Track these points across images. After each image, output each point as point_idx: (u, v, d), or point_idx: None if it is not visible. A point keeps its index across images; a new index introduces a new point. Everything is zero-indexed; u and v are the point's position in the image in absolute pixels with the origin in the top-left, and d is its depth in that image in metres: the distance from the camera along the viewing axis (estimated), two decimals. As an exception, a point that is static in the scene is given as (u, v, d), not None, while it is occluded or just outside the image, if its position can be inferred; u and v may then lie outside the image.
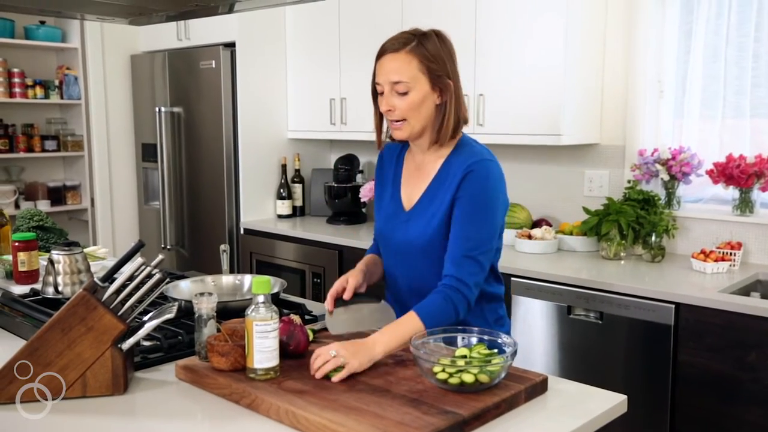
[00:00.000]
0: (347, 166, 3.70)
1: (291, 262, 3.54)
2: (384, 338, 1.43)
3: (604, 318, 2.40)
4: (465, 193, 1.56)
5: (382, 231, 1.73)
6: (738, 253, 2.56)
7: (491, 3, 2.94)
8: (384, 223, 1.72)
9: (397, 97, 1.57)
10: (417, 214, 1.65)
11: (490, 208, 1.57)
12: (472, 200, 1.56)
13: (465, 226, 1.56)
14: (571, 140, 2.88)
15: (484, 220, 1.56)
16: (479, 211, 1.56)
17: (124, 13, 2.07)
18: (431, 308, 1.51)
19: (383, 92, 1.59)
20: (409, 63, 1.56)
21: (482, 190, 1.56)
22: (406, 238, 1.65)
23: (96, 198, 4.23)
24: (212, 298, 1.45)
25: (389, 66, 1.57)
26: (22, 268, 2.10)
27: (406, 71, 1.55)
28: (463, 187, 1.56)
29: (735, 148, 2.69)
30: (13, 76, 3.96)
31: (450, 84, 1.59)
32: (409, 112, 1.57)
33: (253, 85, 3.73)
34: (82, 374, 1.32)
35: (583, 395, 1.37)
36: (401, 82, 1.56)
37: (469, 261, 1.54)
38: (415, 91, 1.56)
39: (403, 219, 1.67)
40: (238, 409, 1.28)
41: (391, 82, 1.57)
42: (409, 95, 1.56)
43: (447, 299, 1.52)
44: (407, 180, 1.71)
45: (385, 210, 1.73)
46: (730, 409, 2.14)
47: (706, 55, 2.77)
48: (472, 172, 1.56)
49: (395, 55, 1.57)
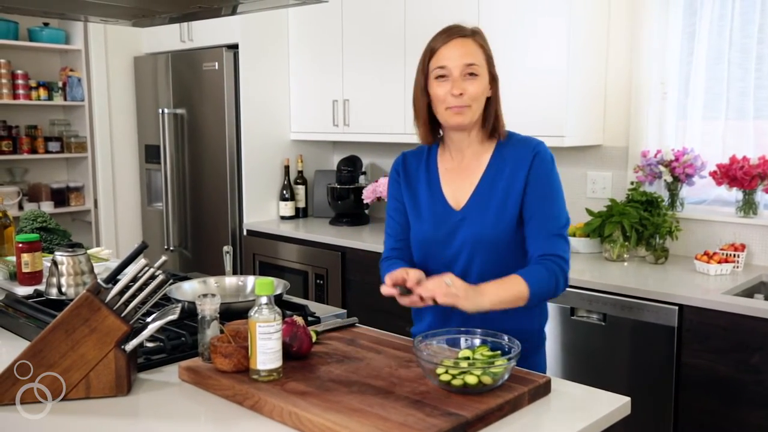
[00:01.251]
0: (350, 168, 3.70)
1: (294, 263, 3.55)
2: (492, 290, 1.45)
3: (608, 320, 2.40)
4: (539, 174, 1.58)
5: (431, 237, 1.65)
6: (742, 255, 2.55)
7: (494, 5, 2.94)
8: (431, 229, 1.65)
9: (468, 80, 1.56)
10: (475, 211, 1.60)
11: (560, 187, 1.62)
12: (546, 181, 1.59)
13: (546, 206, 1.57)
14: (574, 141, 2.88)
15: (559, 198, 1.60)
16: (554, 190, 1.60)
17: (127, 15, 2.08)
18: (535, 275, 1.50)
19: (447, 76, 1.57)
20: (477, 49, 1.59)
21: (551, 171, 1.61)
22: (467, 236, 1.60)
23: (99, 199, 4.23)
24: (215, 299, 1.45)
25: (462, 49, 1.57)
26: (26, 270, 2.11)
27: (477, 55, 1.58)
28: (535, 169, 1.58)
29: (738, 150, 2.69)
30: (17, 77, 3.98)
31: (498, 77, 1.63)
32: (474, 97, 1.57)
33: (256, 86, 3.74)
34: (86, 375, 1.32)
35: (586, 397, 1.37)
36: (474, 64, 1.56)
37: (559, 239, 1.56)
38: (482, 77, 1.58)
39: (458, 219, 1.62)
40: (242, 410, 1.28)
41: (465, 64, 1.56)
42: (477, 80, 1.57)
43: (549, 271, 1.52)
44: (448, 180, 1.67)
45: (427, 213, 1.66)
46: (734, 411, 2.14)
47: (710, 56, 2.77)
48: (540, 153, 1.60)
49: (466, 40, 1.58)
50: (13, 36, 3.95)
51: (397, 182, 1.75)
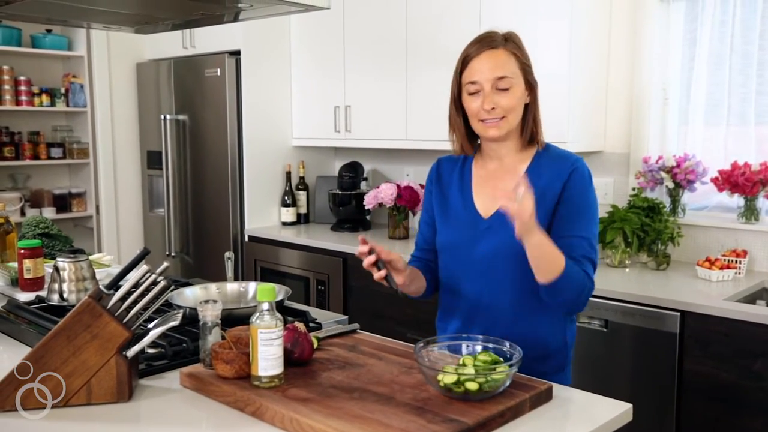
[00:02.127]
0: (351, 174, 3.71)
1: (295, 269, 3.55)
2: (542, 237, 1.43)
3: (609, 326, 2.39)
4: (575, 192, 1.55)
5: (455, 241, 1.64)
6: (743, 261, 2.55)
7: (495, 10, 2.95)
8: (456, 234, 1.64)
9: (499, 94, 1.54)
10: (501, 221, 1.54)
11: (595, 209, 1.59)
12: (582, 200, 1.55)
13: (578, 226, 1.54)
14: (576, 147, 2.87)
15: (591, 221, 1.57)
16: (587, 212, 1.56)
17: (130, 21, 2.09)
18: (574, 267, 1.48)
19: (479, 91, 1.55)
20: (509, 59, 1.56)
21: (587, 190, 1.57)
22: (491, 245, 1.58)
23: (101, 205, 4.24)
24: (217, 305, 1.45)
25: (491, 62, 1.55)
26: (28, 276, 2.11)
27: (509, 66, 1.55)
28: (571, 186, 1.55)
29: (740, 156, 2.69)
30: (20, 84, 3.99)
31: (536, 84, 1.60)
32: (509, 109, 1.55)
33: (258, 92, 3.75)
34: (87, 381, 1.32)
35: (588, 404, 1.37)
36: (505, 77, 1.54)
37: (587, 263, 1.53)
38: (516, 87, 1.55)
39: (484, 227, 1.60)
40: (243, 416, 1.28)
41: (495, 78, 1.54)
42: (510, 91, 1.55)
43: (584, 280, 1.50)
44: (480, 188, 1.65)
45: (456, 220, 1.65)
46: (736, 418, 2.13)
47: (711, 62, 2.77)
48: (577, 170, 1.56)
49: (495, 51, 1.56)
50: (16, 42, 3.96)
51: (429, 192, 1.75)
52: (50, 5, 1.78)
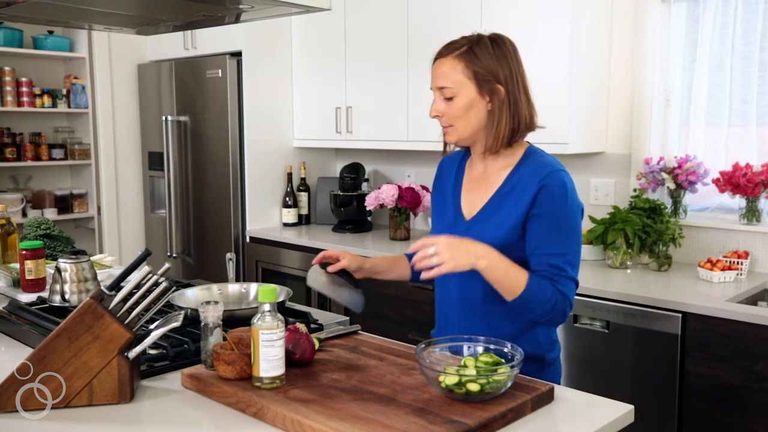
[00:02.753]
0: (353, 175, 3.71)
1: (296, 270, 3.55)
2: (495, 257, 1.44)
3: (611, 327, 2.39)
4: (544, 210, 1.50)
5: None
6: (745, 262, 2.55)
7: (496, 11, 2.95)
8: (441, 231, 1.66)
9: (444, 103, 1.56)
10: (478, 224, 1.58)
11: (573, 223, 1.53)
12: (554, 217, 1.50)
13: (552, 243, 1.50)
14: (577, 148, 2.88)
15: (569, 236, 1.52)
16: (563, 226, 1.51)
17: (131, 23, 2.09)
18: (540, 285, 1.47)
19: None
20: (453, 68, 1.54)
21: (563, 205, 1.51)
22: None
23: (103, 206, 4.24)
24: (218, 306, 1.45)
25: (436, 71, 1.57)
26: (29, 277, 2.11)
27: (450, 76, 1.54)
28: (540, 202, 1.50)
29: (741, 157, 2.69)
30: (21, 85, 3.99)
31: (500, 90, 1.54)
32: (454, 118, 1.56)
33: (259, 93, 3.75)
34: (89, 382, 1.32)
35: (589, 405, 1.36)
36: (446, 88, 1.55)
37: (565, 279, 1.50)
38: (460, 96, 1.54)
39: (463, 228, 1.61)
40: (244, 417, 1.28)
41: (438, 87, 1.56)
42: (454, 101, 1.54)
43: (553, 295, 1.47)
44: (468, 189, 1.67)
45: (445, 219, 1.68)
46: (738, 419, 2.13)
47: (712, 63, 2.77)
48: (547, 185, 1.50)
49: (442, 60, 1.56)
50: (17, 44, 3.97)
51: (434, 189, 1.78)
52: (52, 7, 1.79)
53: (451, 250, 1.42)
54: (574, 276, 1.51)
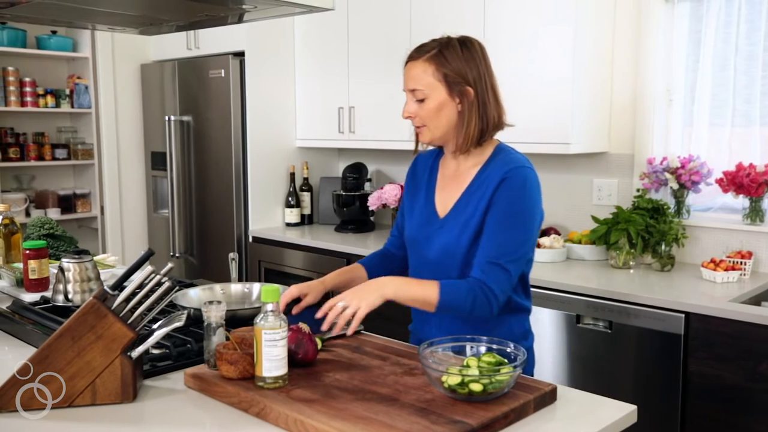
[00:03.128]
0: (355, 175, 3.71)
1: (299, 270, 3.55)
2: (398, 283, 1.51)
3: (614, 327, 2.39)
4: (499, 200, 1.56)
5: (415, 237, 1.71)
6: (748, 263, 2.54)
7: (499, 13, 2.94)
8: (417, 229, 1.71)
9: (416, 104, 1.61)
10: (451, 221, 1.64)
11: (524, 216, 1.56)
12: (506, 207, 1.55)
13: (496, 233, 1.55)
14: (580, 149, 2.87)
15: (516, 228, 1.55)
16: (512, 218, 1.55)
17: (134, 23, 2.09)
18: (453, 287, 1.53)
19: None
20: (424, 71, 1.59)
21: (517, 198, 1.56)
22: (440, 243, 1.65)
23: (106, 206, 4.25)
24: (221, 306, 1.45)
25: (408, 74, 1.62)
26: (33, 276, 2.12)
27: (421, 79, 1.59)
28: (499, 193, 1.56)
29: (745, 157, 2.68)
30: (25, 85, 4.00)
31: (470, 91, 1.58)
32: (426, 119, 1.61)
33: (262, 93, 3.75)
34: (92, 382, 1.33)
35: (592, 405, 1.36)
36: (417, 90, 1.60)
37: (496, 267, 1.53)
38: (431, 98, 1.59)
39: (437, 225, 1.66)
40: (247, 417, 1.28)
41: (410, 90, 1.61)
42: (425, 102, 1.60)
43: (469, 290, 1.52)
44: (442, 187, 1.71)
45: (419, 216, 1.72)
46: (741, 420, 2.13)
47: (715, 63, 2.76)
48: (508, 179, 1.56)
49: (413, 63, 1.61)
50: (21, 44, 3.98)
51: (406, 185, 1.82)
52: (55, 7, 1.79)
53: (356, 295, 1.47)
54: (506, 267, 1.53)
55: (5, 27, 3.89)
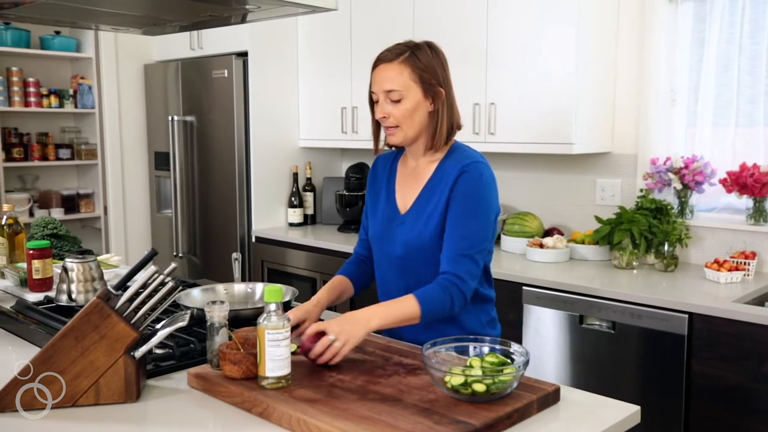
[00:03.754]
0: (358, 175, 3.71)
1: (302, 270, 3.55)
2: (381, 311, 1.52)
3: (617, 327, 2.39)
4: (459, 193, 1.62)
5: (378, 235, 1.77)
6: (752, 263, 2.54)
7: (502, 12, 2.94)
8: (379, 227, 1.77)
9: (391, 105, 1.65)
10: (412, 216, 1.70)
11: (484, 208, 1.63)
12: (466, 199, 1.62)
13: (460, 225, 1.61)
14: (583, 149, 2.87)
15: (478, 219, 1.62)
16: (473, 210, 1.62)
17: (138, 23, 2.09)
18: (429, 294, 1.58)
19: (378, 100, 1.67)
20: (401, 72, 1.63)
21: (475, 190, 1.63)
22: (403, 239, 1.70)
23: (109, 206, 4.26)
24: (224, 306, 1.45)
25: (383, 75, 1.65)
26: (37, 276, 2.12)
27: (398, 80, 1.63)
28: (457, 187, 1.62)
29: (748, 157, 2.68)
30: (29, 85, 4.01)
31: (442, 92, 1.66)
32: (402, 119, 1.65)
33: (265, 94, 3.75)
34: (95, 382, 1.33)
35: (595, 405, 1.36)
36: (394, 91, 1.63)
37: (466, 259, 1.60)
38: (408, 99, 1.64)
39: (399, 222, 1.72)
40: (250, 417, 1.28)
41: (384, 91, 1.64)
42: (401, 103, 1.64)
43: (444, 290, 1.58)
44: (401, 185, 1.77)
45: (381, 215, 1.78)
46: (745, 421, 2.12)
47: (719, 63, 2.76)
48: (466, 172, 1.62)
49: (389, 65, 1.65)
50: (25, 44, 3.98)
51: (368, 185, 1.87)
52: (59, 7, 1.79)
53: (344, 329, 1.46)
54: (474, 256, 1.61)
55: (9, 27, 3.90)
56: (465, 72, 2.96)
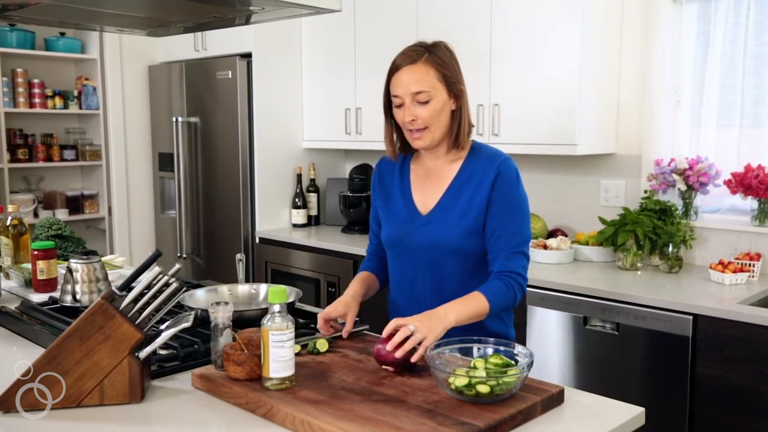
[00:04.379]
0: (362, 176, 3.71)
1: (306, 271, 3.55)
2: (456, 308, 1.53)
3: (621, 329, 2.38)
4: (500, 194, 1.64)
5: (397, 236, 1.75)
6: (757, 264, 2.53)
7: (506, 13, 2.94)
8: (398, 229, 1.75)
9: (419, 107, 1.63)
10: (438, 217, 1.69)
11: (524, 204, 1.69)
12: (509, 199, 1.64)
13: (508, 224, 1.64)
14: (587, 150, 2.87)
15: (522, 216, 1.67)
16: (516, 208, 1.66)
17: (142, 25, 2.10)
18: (495, 290, 1.60)
19: (402, 104, 1.64)
20: (427, 73, 1.62)
21: (515, 188, 1.66)
22: (429, 240, 1.68)
23: (113, 207, 4.27)
24: (228, 307, 1.45)
25: (409, 77, 1.63)
26: (41, 277, 2.13)
27: (425, 81, 1.62)
28: (497, 188, 1.64)
29: (753, 158, 2.67)
30: (33, 86, 4.02)
31: (463, 90, 1.67)
32: (430, 120, 1.63)
33: (269, 95, 3.76)
34: (100, 382, 1.33)
35: (600, 407, 1.36)
36: (422, 92, 1.61)
37: (519, 255, 1.64)
38: (436, 99, 1.63)
39: (422, 222, 1.71)
40: (254, 418, 1.29)
41: (412, 93, 1.62)
42: (430, 104, 1.62)
43: (508, 286, 1.61)
44: (419, 185, 1.75)
45: (398, 217, 1.76)
46: (750, 423, 2.12)
47: (724, 64, 2.75)
48: (503, 172, 1.65)
49: (413, 66, 1.63)
50: (29, 45, 4.00)
51: (374, 190, 1.86)
52: (64, 9, 1.80)
53: (424, 324, 1.46)
54: (526, 251, 1.67)
55: (14, 29, 3.91)
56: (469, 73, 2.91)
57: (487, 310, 1.57)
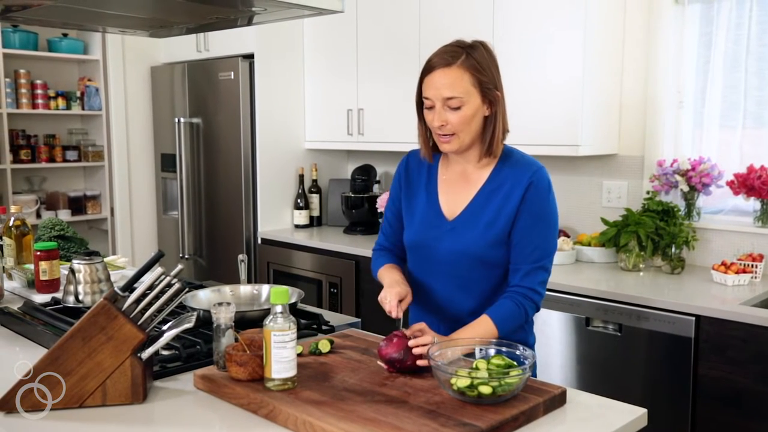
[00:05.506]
0: (364, 177, 3.71)
1: (308, 272, 3.55)
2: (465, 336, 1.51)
3: (623, 330, 2.38)
4: (530, 206, 1.59)
5: (420, 241, 1.69)
6: (760, 265, 2.53)
7: (509, 14, 2.94)
8: (421, 233, 1.69)
9: (450, 112, 1.56)
10: (465, 224, 1.63)
11: (553, 217, 1.63)
12: (537, 211, 1.59)
13: (533, 237, 1.59)
14: (590, 151, 2.87)
15: (549, 229, 1.62)
16: (544, 221, 1.61)
17: (144, 26, 2.10)
18: (504, 313, 1.57)
19: (433, 107, 1.58)
20: (461, 78, 1.55)
21: (545, 201, 1.61)
22: (453, 247, 1.63)
23: (116, 207, 4.27)
24: (230, 307, 1.46)
25: (441, 81, 1.55)
26: (44, 277, 2.13)
27: (459, 86, 1.54)
28: (528, 199, 1.59)
29: (756, 159, 2.66)
30: (36, 87, 4.03)
31: (499, 95, 1.59)
32: (460, 126, 1.57)
33: (271, 95, 3.76)
34: (102, 383, 1.33)
35: (602, 408, 1.36)
36: (455, 98, 1.54)
37: (539, 270, 1.60)
38: (468, 105, 1.56)
39: (447, 228, 1.65)
40: (256, 419, 1.29)
41: (443, 98, 1.55)
42: (461, 110, 1.55)
43: (518, 304, 1.58)
44: (446, 189, 1.69)
45: (420, 219, 1.70)
46: (752, 424, 2.11)
47: (726, 65, 2.75)
48: (535, 182, 1.59)
49: (447, 70, 1.55)
50: (32, 46, 4.00)
51: (398, 184, 1.78)
52: (66, 10, 1.80)
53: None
54: (547, 266, 1.62)
55: (17, 30, 3.92)
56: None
57: (495, 336, 1.53)
